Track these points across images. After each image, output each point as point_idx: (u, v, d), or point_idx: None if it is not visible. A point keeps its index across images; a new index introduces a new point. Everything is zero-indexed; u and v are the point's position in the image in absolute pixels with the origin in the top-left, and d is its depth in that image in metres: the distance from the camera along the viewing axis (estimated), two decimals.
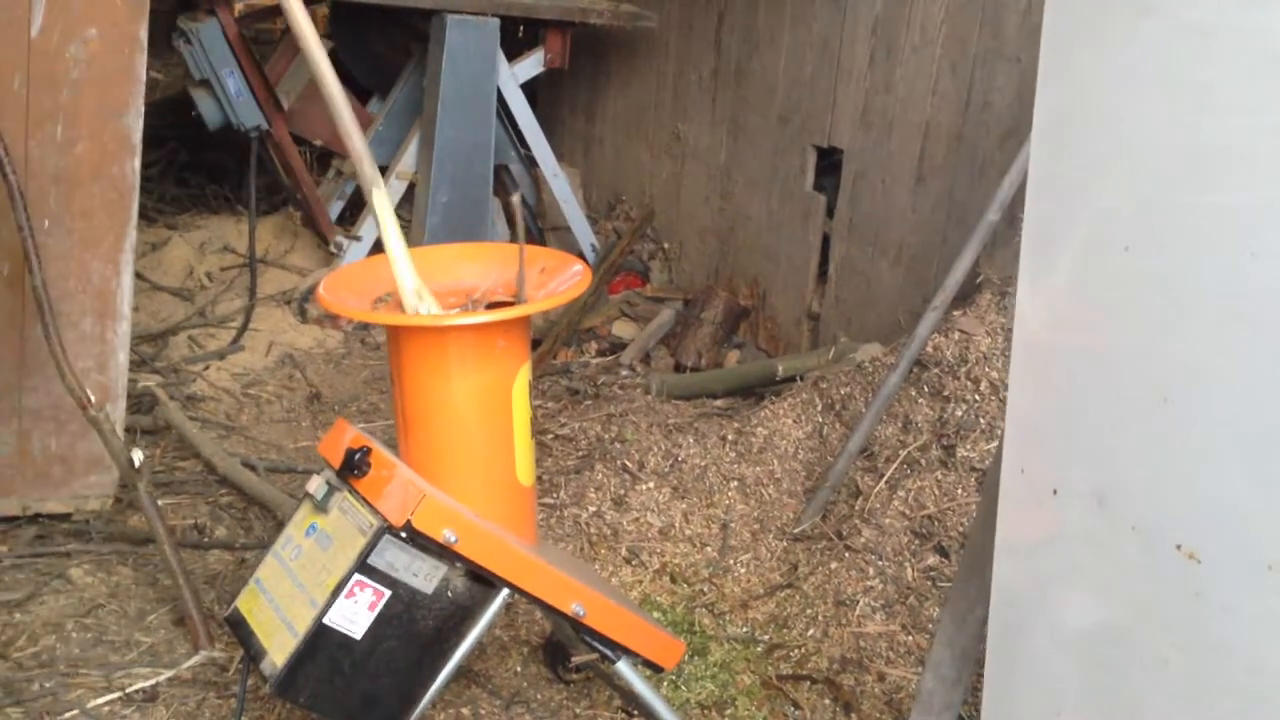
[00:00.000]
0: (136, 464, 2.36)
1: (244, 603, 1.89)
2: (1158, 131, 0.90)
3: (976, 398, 2.86)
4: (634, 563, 2.77)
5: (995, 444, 2.77)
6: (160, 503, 2.57)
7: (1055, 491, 1.03)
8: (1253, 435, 0.85)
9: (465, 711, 2.27)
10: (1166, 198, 0.90)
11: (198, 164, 5.11)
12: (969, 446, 2.79)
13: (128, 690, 2.24)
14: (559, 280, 1.92)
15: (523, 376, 1.86)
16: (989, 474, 1.35)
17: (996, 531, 1.11)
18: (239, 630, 1.87)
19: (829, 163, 3.92)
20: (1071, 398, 1.01)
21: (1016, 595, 1.10)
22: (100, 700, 2.22)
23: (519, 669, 2.41)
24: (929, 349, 2.97)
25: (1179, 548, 0.92)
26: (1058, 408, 1.03)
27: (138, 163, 2.59)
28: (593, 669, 2.35)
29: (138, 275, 3.76)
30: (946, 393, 2.92)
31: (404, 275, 1.79)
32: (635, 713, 2.27)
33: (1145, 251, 0.92)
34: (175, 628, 2.46)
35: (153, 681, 2.28)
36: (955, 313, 3.02)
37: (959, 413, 2.87)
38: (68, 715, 2.18)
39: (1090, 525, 0.99)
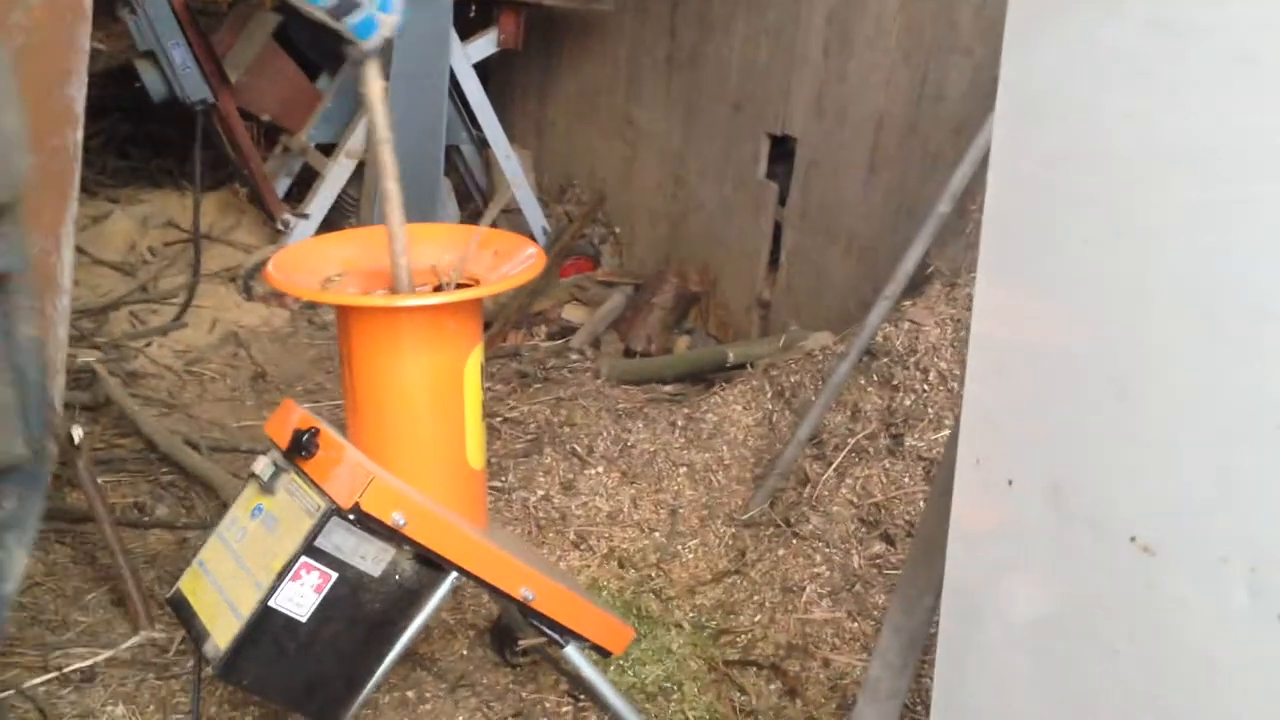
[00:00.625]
0: (76, 440, 2.31)
1: (187, 584, 1.86)
2: (1119, 126, 0.91)
3: (925, 387, 2.88)
4: (582, 547, 2.76)
5: (943, 433, 2.80)
6: (99, 480, 2.52)
7: (1010, 482, 1.03)
8: (1209, 429, 0.86)
9: (410, 694, 2.25)
10: (1127, 192, 0.90)
11: (141, 137, 5.01)
12: (917, 436, 2.82)
13: (65, 670, 2.20)
14: (512, 263, 1.91)
15: (474, 359, 1.84)
16: (942, 464, 1.36)
17: (950, 521, 1.12)
18: (181, 612, 1.84)
19: (782, 151, 3.93)
20: (1028, 390, 1.02)
21: (969, 584, 1.11)
22: (36, 680, 2.18)
23: (465, 652, 2.40)
24: (879, 338, 2.99)
25: (1133, 540, 0.93)
26: (1014, 399, 1.03)
27: (80, 134, 2.53)
28: (539, 653, 2.35)
29: (78, 249, 3.68)
30: (895, 382, 2.94)
31: (401, 258, 1.77)
32: (582, 697, 2.27)
33: (1104, 245, 0.92)
34: (114, 608, 2.42)
35: (90, 662, 2.24)
36: (905, 303, 3.04)
37: (907, 402, 2.89)
38: (2, 695, 2.13)
39: (1045, 516, 1.00)
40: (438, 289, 1.85)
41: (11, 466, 1.54)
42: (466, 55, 4.52)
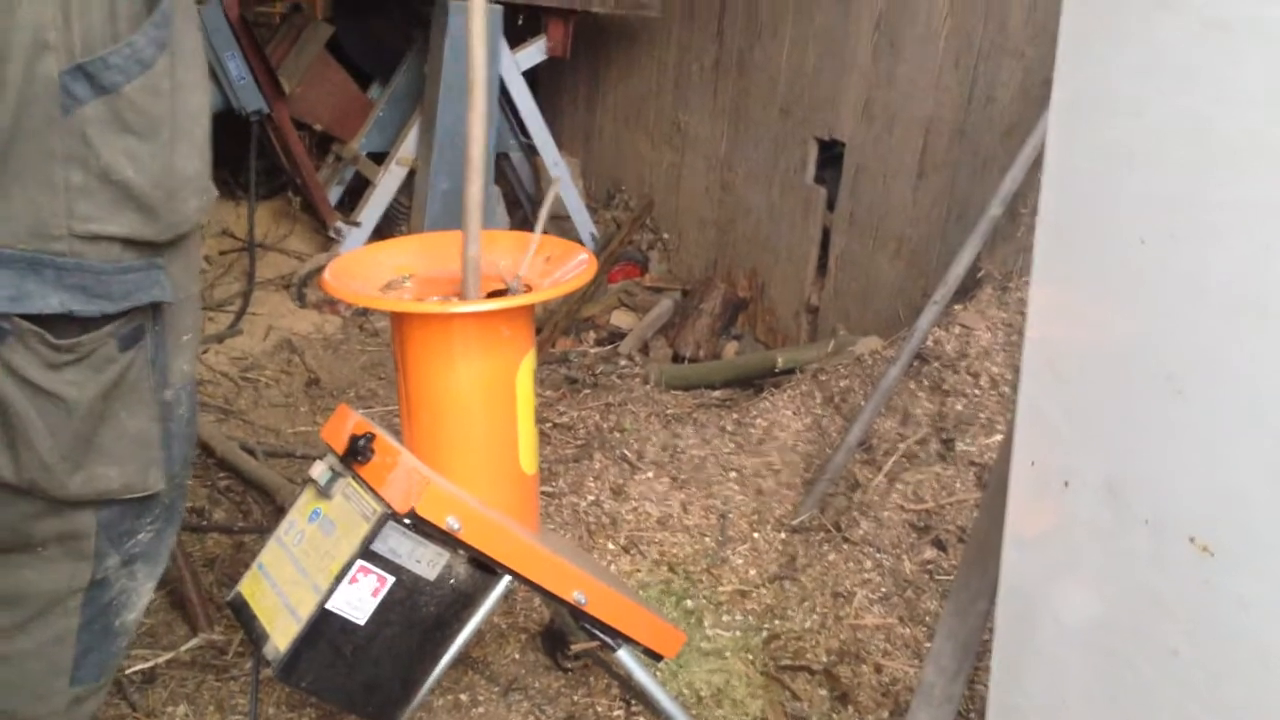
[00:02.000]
0: None
1: (246, 587, 1.89)
2: (1176, 124, 0.91)
3: (976, 392, 2.87)
4: (632, 552, 2.77)
5: (995, 438, 2.78)
6: None
7: (1066, 484, 1.03)
8: (1267, 427, 0.86)
9: (464, 698, 2.27)
10: (1183, 190, 0.90)
11: None
12: (968, 441, 2.80)
13: (126, 672, 2.24)
14: (564, 269, 1.92)
15: (526, 365, 1.86)
16: (995, 467, 1.36)
17: (1005, 524, 1.11)
18: (241, 614, 1.87)
19: (830, 155, 3.92)
20: (1084, 390, 1.01)
21: (1024, 587, 1.10)
22: None
23: (517, 656, 2.42)
24: (929, 343, 2.98)
25: (1192, 540, 0.92)
26: (1070, 400, 1.03)
27: None
28: (591, 657, 2.36)
29: None
30: (946, 387, 2.92)
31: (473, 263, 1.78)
32: (634, 701, 2.28)
33: (1161, 244, 0.92)
34: (174, 610, 2.46)
35: (152, 663, 2.28)
36: (956, 307, 3.03)
37: (958, 407, 2.88)
38: None
39: (1101, 517, 1.00)
40: (492, 295, 1.87)
41: (150, 499, 1.58)
42: (515, 63, 4.55)
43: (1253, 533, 0.89)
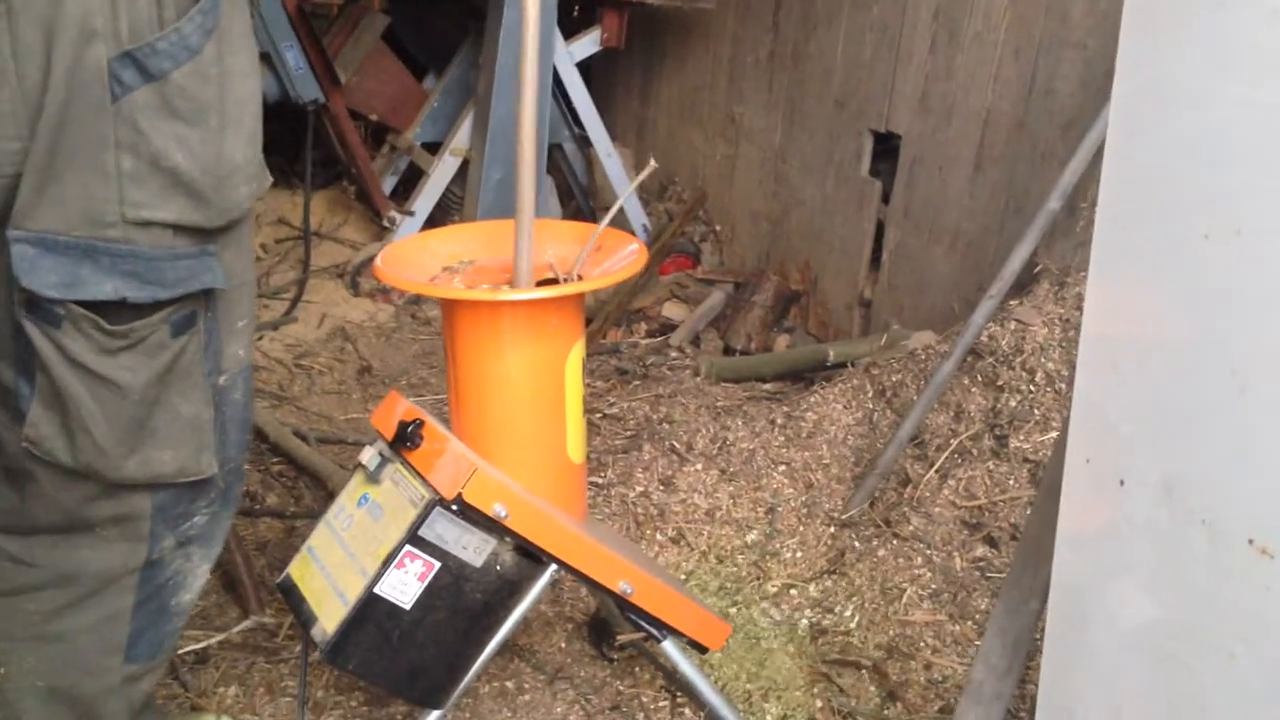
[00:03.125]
0: None
1: (296, 570, 1.91)
2: (1242, 116, 0.88)
3: (1031, 388, 2.83)
4: (680, 543, 2.77)
5: (1050, 435, 2.74)
6: None
7: (1122, 482, 1.01)
8: None
9: (509, 685, 2.28)
10: (1250, 184, 0.88)
11: None
12: (1022, 437, 2.76)
13: (179, 652, 2.27)
14: (615, 259, 1.92)
15: (576, 354, 1.86)
16: (1049, 465, 1.33)
17: (1059, 522, 1.09)
18: (290, 597, 1.89)
19: (885, 148, 3.88)
20: (1142, 387, 0.99)
21: (1078, 586, 1.08)
22: None
23: (563, 645, 2.42)
24: (984, 338, 2.94)
25: (1251, 541, 0.90)
26: (1127, 397, 1.01)
27: None
28: (637, 647, 2.36)
29: None
30: (1000, 382, 2.89)
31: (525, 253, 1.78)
32: (678, 693, 2.28)
33: (1226, 239, 0.90)
34: (226, 592, 2.49)
35: (204, 644, 2.31)
36: (1012, 302, 2.99)
37: (1013, 403, 2.84)
38: None
39: (1158, 516, 0.97)
40: (542, 284, 1.87)
41: (204, 482, 1.60)
42: (570, 54, 4.56)
43: None
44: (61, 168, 1.34)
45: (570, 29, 4.59)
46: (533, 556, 1.83)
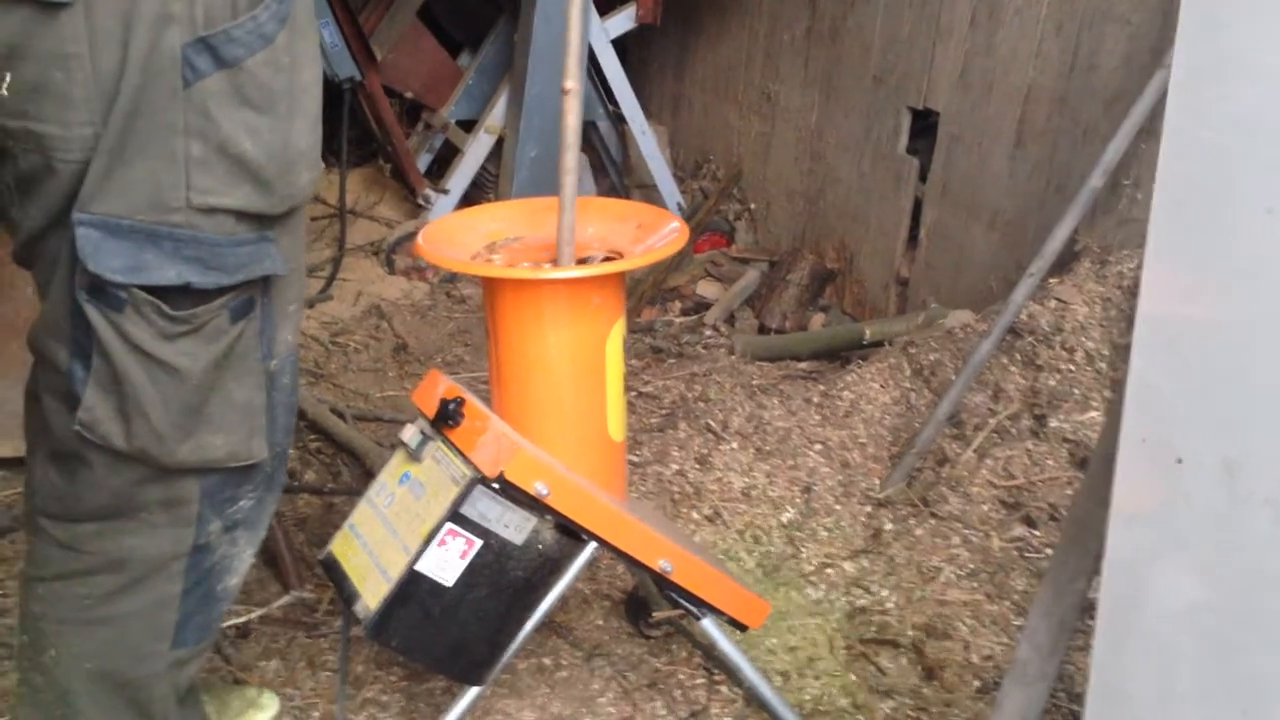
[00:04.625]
0: None
1: (338, 546, 1.93)
2: None
3: (1071, 368, 2.81)
4: (716, 522, 2.77)
5: (1090, 415, 2.72)
6: None
7: (1180, 461, 1.00)
8: None
9: (547, 661, 2.29)
10: None
11: None
12: (1061, 417, 2.74)
13: (222, 626, 2.29)
14: (656, 237, 1.91)
15: (617, 332, 1.85)
16: (1098, 444, 1.32)
17: (1112, 501, 1.08)
18: (333, 573, 1.91)
19: (923, 125, 3.85)
20: (1201, 365, 0.98)
21: (1132, 566, 1.07)
22: None
23: (600, 622, 2.43)
24: (1023, 317, 2.92)
25: None
26: (1185, 376, 0.99)
27: None
28: (674, 625, 2.36)
29: None
30: (1040, 362, 2.87)
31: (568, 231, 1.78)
32: (716, 670, 2.28)
33: None
34: (266, 568, 2.51)
35: (245, 619, 2.33)
36: (1052, 280, 2.96)
37: (1052, 382, 2.82)
38: None
39: (1216, 495, 0.96)
40: (582, 262, 1.86)
41: (252, 467, 1.62)
42: (605, 31, 4.54)
43: None
44: (131, 153, 1.35)
45: (606, 5, 4.57)
46: (573, 534, 1.84)
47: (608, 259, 1.87)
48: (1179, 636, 1.04)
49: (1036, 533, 2.61)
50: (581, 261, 1.86)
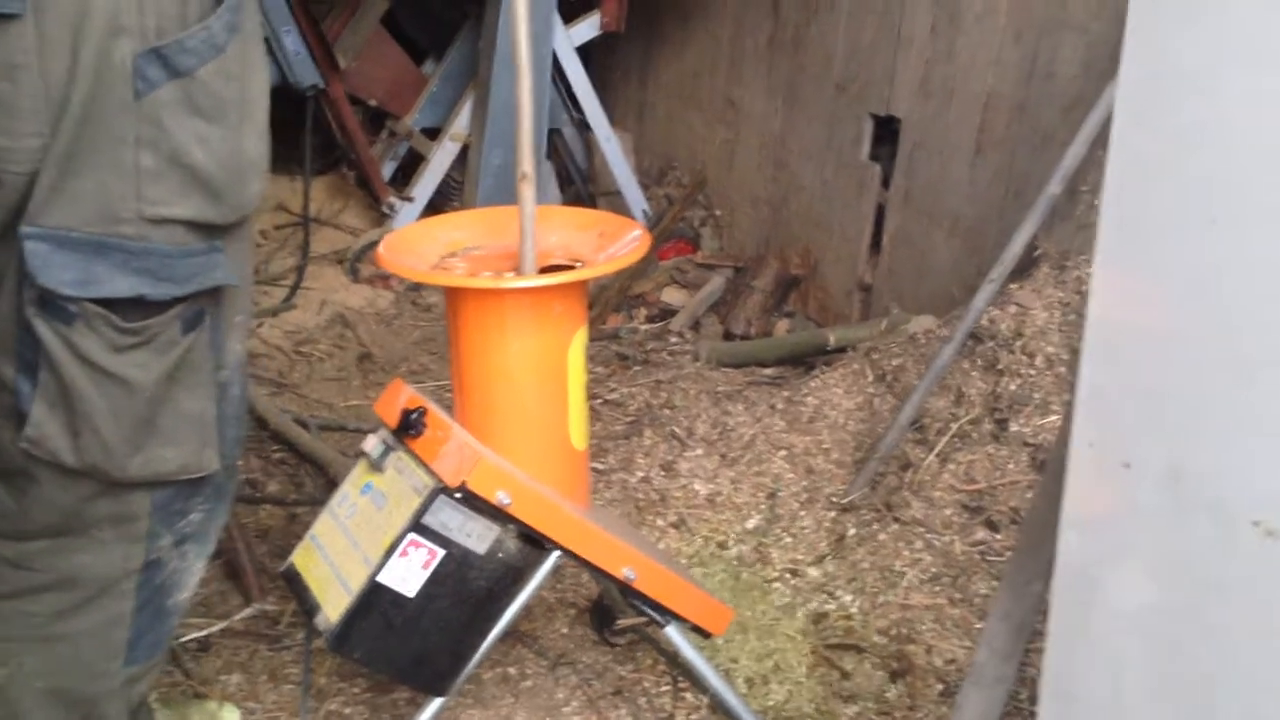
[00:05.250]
0: None
1: (299, 558, 1.92)
2: (1247, 102, 0.88)
3: (1031, 372, 2.83)
4: (681, 529, 2.77)
5: (1050, 419, 2.74)
6: None
7: (1127, 465, 1.01)
8: None
9: (512, 671, 2.29)
10: (1254, 171, 0.88)
11: None
12: (1022, 421, 2.77)
13: (181, 640, 2.27)
14: (618, 245, 1.92)
15: (579, 341, 1.86)
16: (1053, 449, 1.34)
17: (1063, 505, 1.10)
18: (294, 585, 1.90)
19: (885, 132, 3.88)
20: (1148, 372, 0.99)
21: (1082, 570, 1.09)
22: None
23: (565, 630, 2.43)
24: (984, 322, 2.94)
25: (1256, 524, 0.90)
26: (1132, 381, 1.01)
27: None
28: (638, 632, 2.37)
29: None
30: (1000, 366, 2.89)
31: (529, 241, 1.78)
32: (681, 677, 2.28)
33: (1232, 225, 0.90)
34: (227, 580, 2.49)
35: (206, 632, 2.31)
36: (1012, 286, 2.99)
37: (1013, 387, 2.84)
38: None
39: (1162, 500, 0.98)
40: (545, 271, 1.87)
41: (203, 479, 1.60)
42: (569, 38, 4.54)
43: None
44: (80, 164, 1.34)
45: (570, 13, 4.57)
46: (536, 543, 1.84)
47: (568, 267, 1.88)
48: (1128, 639, 1.06)
49: (998, 536, 2.63)
50: (544, 270, 1.87)
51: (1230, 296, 0.91)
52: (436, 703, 1.89)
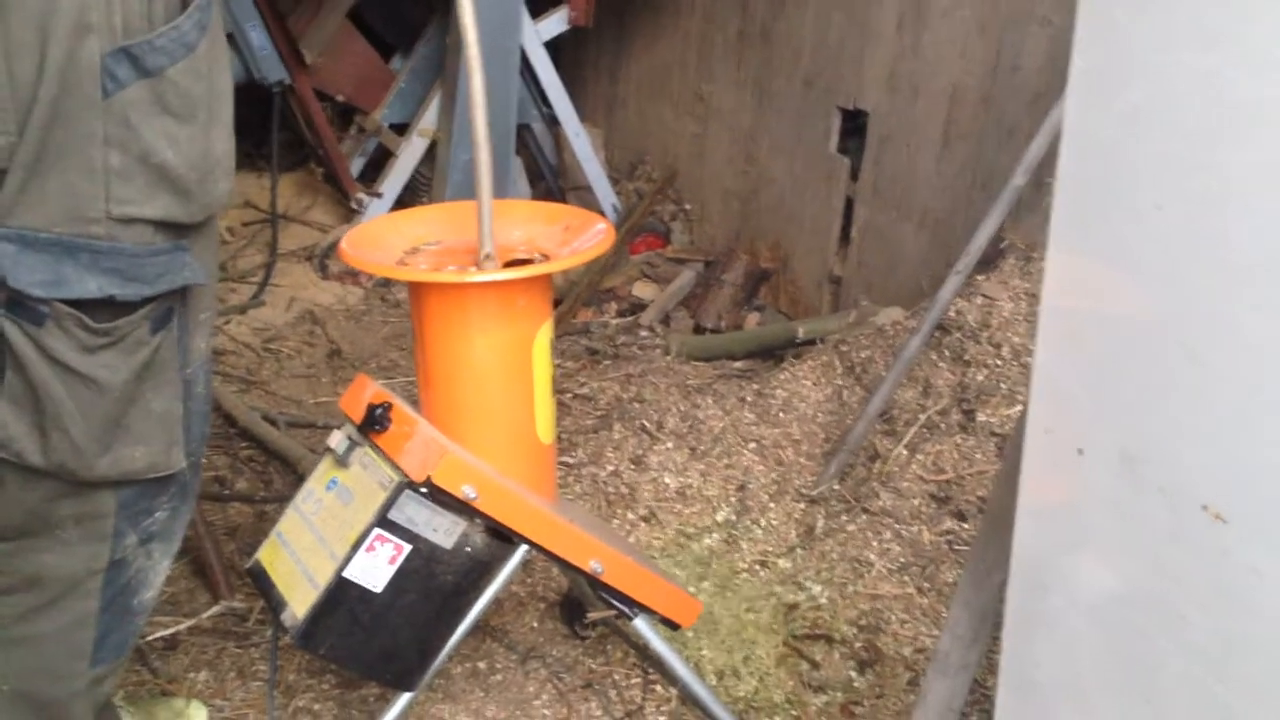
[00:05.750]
0: None
1: (265, 555, 1.91)
2: (1193, 88, 0.89)
3: (998, 362, 2.85)
4: (651, 522, 2.78)
5: (1016, 409, 2.76)
6: None
7: (1081, 452, 1.02)
8: None
9: (482, 665, 2.29)
10: (1201, 155, 0.89)
11: None
12: (989, 411, 2.79)
13: (149, 638, 2.26)
14: (582, 238, 1.92)
15: (544, 334, 1.86)
16: (1012, 437, 1.35)
17: (1019, 493, 1.11)
18: (260, 582, 1.89)
19: (854, 126, 3.89)
20: (1100, 357, 1.00)
21: (1038, 556, 1.10)
22: None
23: (535, 624, 2.43)
24: (951, 313, 2.96)
25: (1205, 508, 0.91)
26: (1085, 368, 1.02)
27: None
28: (608, 625, 2.37)
29: None
30: (967, 357, 2.91)
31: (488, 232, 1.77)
32: (651, 670, 2.29)
33: (1178, 210, 0.90)
34: (195, 578, 2.48)
35: (173, 630, 2.30)
36: (979, 277, 3.01)
37: (980, 377, 2.86)
38: None
39: (1116, 485, 0.99)
40: (509, 265, 1.86)
41: (169, 478, 1.60)
42: (538, 33, 4.53)
43: (1267, 501, 0.88)
44: (48, 165, 1.33)
45: (538, 8, 4.56)
46: (503, 537, 1.84)
47: (533, 262, 1.87)
48: (1084, 624, 1.06)
49: (966, 526, 2.65)
50: (508, 264, 1.86)
51: (1178, 280, 0.92)
52: (405, 698, 1.89)
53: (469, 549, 1.82)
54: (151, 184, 1.39)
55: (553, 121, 4.79)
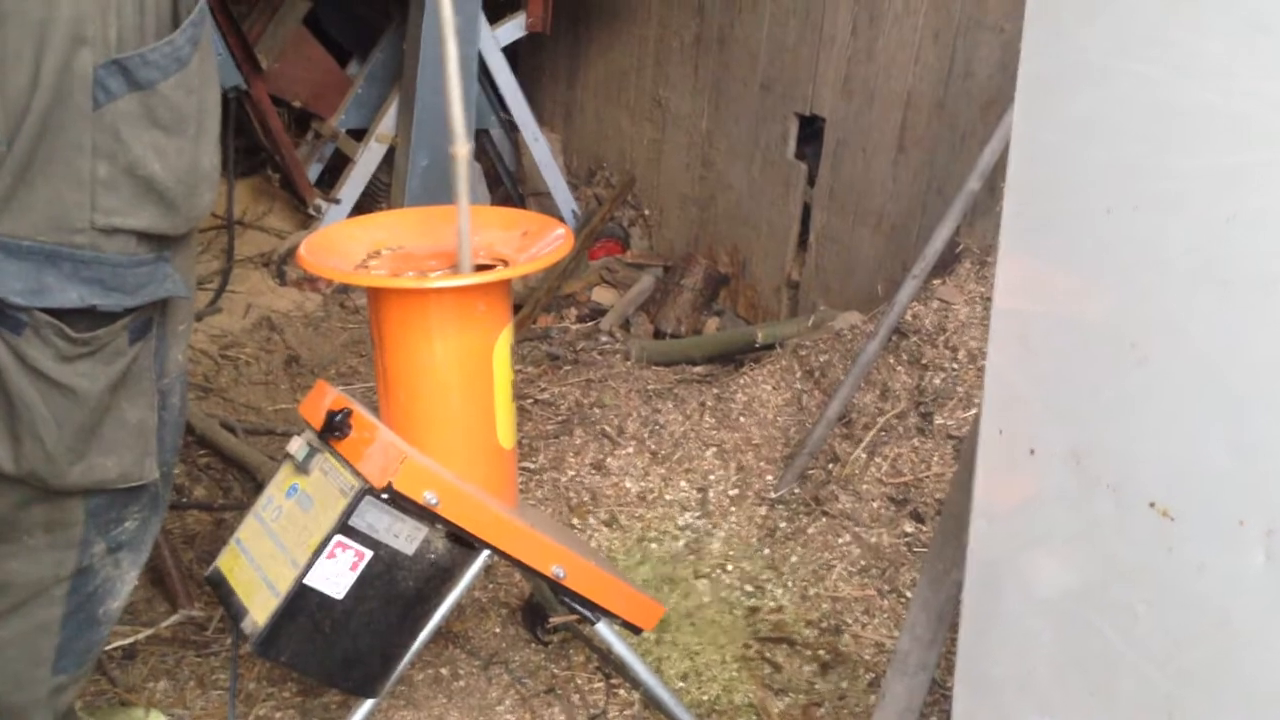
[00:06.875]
0: None
1: (224, 562, 1.90)
2: (1138, 94, 0.91)
3: (955, 366, 2.88)
4: (613, 526, 2.79)
5: (973, 412, 2.79)
6: None
7: (1032, 452, 1.04)
8: (1227, 395, 0.87)
9: (444, 671, 2.28)
10: (1147, 160, 0.91)
11: None
12: (946, 414, 2.82)
13: (107, 648, 2.24)
14: (541, 244, 1.92)
15: (504, 340, 1.86)
16: (967, 439, 1.37)
17: (974, 494, 1.13)
18: (219, 590, 1.88)
19: (810, 131, 3.92)
20: (1050, 358, 1.02)
21: (992, 556, 1.12)
22: None
23: (497, 630, 2.43)
24: (908, 317, 2.99)
25: (1153, 505, 0.94)
26: (1036, 368, 1.04)
27: None
28: (571, 630, 2.37)
29: None
30: (925, 361, 2.94)
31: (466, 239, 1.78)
32: (613, 674, 2.30)
33: (1125, 214, 0.93)
34: (154, 587, 2.46)
35: (132, 640, 2.28)
36: (935, 281, 3.04)
37: (937, 381, 2.89)
38: None
39: (1066, 484, 1.01)
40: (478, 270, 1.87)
41: (140, 487, 1.59)
42: (495, 39, 4.53)
43: (1211, 498, 0.90)
44: (35, 173, 1.33)
45: (496, 13, 4.56)
46: (465, 543, 1.84)
47: (492, 267, 1.88)
48: (1037, 621, 1.09)
49: (924, 528, 2.67)
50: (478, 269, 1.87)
51: (1124, 283, 0.94)
52: (367, 704, 1.88)
53: (431, 555, 1.82)
54: (138, 195, 1.40)
55: (511, 127, 4.79)
